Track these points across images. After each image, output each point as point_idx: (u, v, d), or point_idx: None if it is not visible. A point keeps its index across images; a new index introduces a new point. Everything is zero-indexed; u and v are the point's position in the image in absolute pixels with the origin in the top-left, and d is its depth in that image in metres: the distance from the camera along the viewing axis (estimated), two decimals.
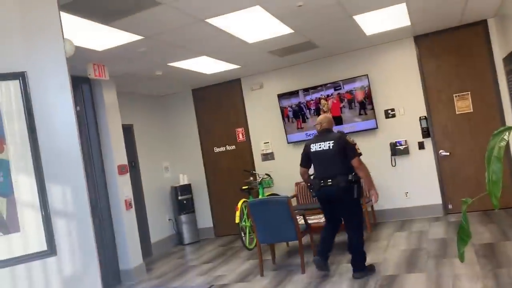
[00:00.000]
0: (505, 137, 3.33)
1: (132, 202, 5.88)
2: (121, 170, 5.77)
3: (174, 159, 7.99)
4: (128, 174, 5.91)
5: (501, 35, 5.90)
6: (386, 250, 5.11)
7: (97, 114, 5.71)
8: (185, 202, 7.61)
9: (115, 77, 5.84)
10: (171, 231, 7.63)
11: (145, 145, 7.34)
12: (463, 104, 6.32)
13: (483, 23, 6.18)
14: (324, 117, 4.70)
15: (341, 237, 6.15)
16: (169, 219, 7.62)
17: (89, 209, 2.64)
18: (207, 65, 6.20)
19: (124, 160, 5.90)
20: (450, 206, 6.39)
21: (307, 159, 4.60)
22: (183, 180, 7.71)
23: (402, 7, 4.91)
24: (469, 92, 6.28)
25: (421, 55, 6.52)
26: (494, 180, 3.31)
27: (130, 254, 5.68)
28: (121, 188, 5.72)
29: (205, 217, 7.88)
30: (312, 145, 4.54)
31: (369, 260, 4.82)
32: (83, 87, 5.60)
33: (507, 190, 5.97)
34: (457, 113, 6.36)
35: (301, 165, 4.63)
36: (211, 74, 6.82)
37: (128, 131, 6.90)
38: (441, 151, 6.45)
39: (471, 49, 6.27)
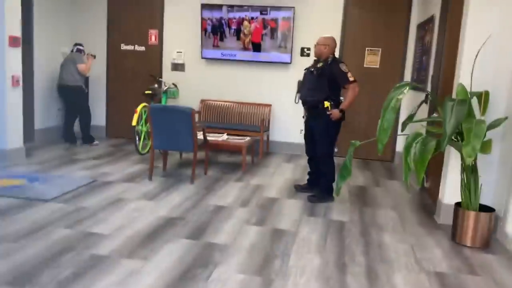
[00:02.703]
0: (405, 91, 3.61)
1: (20, 80, 5.33)
2: (13, 41, 5.15)
3: None
4: (20, 49, 5.30)
5: (421, 2, 6.22)
6: (272, 177, 5.42)
7: None
8: None
9: None
10: (60, 121, 7.17)
11: (44, 23, 6.58)
12: (372, 59, 6.69)
13: None
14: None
15: (234, 157, 6.37)
16: (58, 109, 7.12)
17: None
18: None
19: (17, 32, 5.24)
20: (336, 149, 6.89)
21: None
22: None
23: None
24: (380, 49, 6.64)
25: (348, 2, 6.64)
26: (385, 127, 3.62)
27: (9, 134, 5.25)
28: (9, 61, 5.14)
29: (98, 115, 7.48)
30: None
31: (255, 182, 5.11)
32: None
33: (388, 144, 6.62)
34: (365, 66, 6.72)
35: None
36: None
37: (27, 2, 6.09)
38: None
39: (394, 8, 6.54)
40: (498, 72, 3.72)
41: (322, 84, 4.34)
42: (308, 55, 6.77)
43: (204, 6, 6.84)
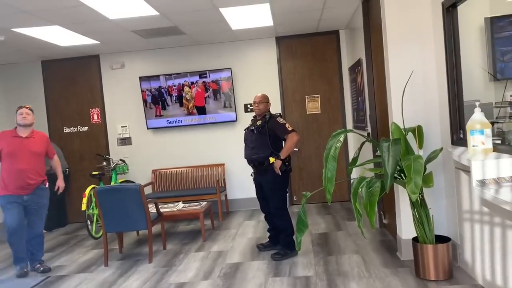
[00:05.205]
0: (341, 139, 3.67)
1: None
2: None
3: None
4: None
5: (349, 46, 6.56)
6: (234, 239, 5.30)
7: None
8: None
9: None
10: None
11: None
12: (313, 106, 6.89)
13: (336, 33, 6.81)
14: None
15: (194, 223, 6.21)
16: None
17: None
18: (60, 36, 5.63)
19: None
20: (295, 198, 6.92)
21: None
22: None
23: (266, 7, 5.10)
24: (319, 95, 6.87)
25: (281, 56, 6.90)
26: (329, 177, 3.65)
27: None
28: None
29: None
30: None
31: (216, 248, 4.97)
32: None
33: (343, 184, 6.70)
34: (307, 113, 6.91)
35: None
36: (65, 46, 6.22)
37: None
38: None
39: (325, 55, 6.85)
40: (427, 105, 3.90)
41: (264, 141, 4.41)
42: (251, 110, 6.88)
43: (142, 78, 6.89)
